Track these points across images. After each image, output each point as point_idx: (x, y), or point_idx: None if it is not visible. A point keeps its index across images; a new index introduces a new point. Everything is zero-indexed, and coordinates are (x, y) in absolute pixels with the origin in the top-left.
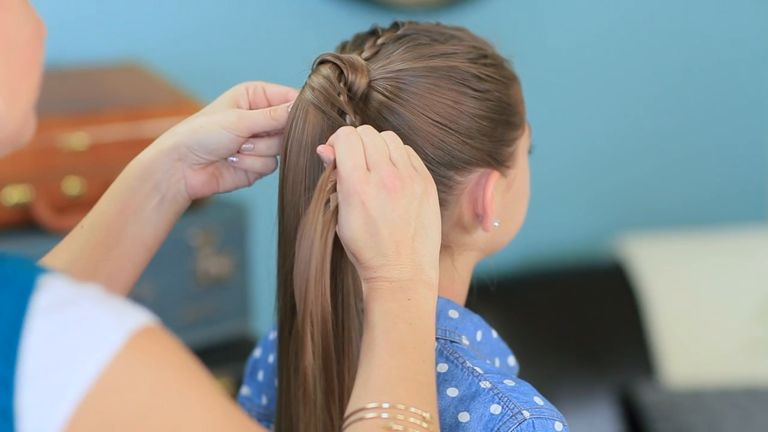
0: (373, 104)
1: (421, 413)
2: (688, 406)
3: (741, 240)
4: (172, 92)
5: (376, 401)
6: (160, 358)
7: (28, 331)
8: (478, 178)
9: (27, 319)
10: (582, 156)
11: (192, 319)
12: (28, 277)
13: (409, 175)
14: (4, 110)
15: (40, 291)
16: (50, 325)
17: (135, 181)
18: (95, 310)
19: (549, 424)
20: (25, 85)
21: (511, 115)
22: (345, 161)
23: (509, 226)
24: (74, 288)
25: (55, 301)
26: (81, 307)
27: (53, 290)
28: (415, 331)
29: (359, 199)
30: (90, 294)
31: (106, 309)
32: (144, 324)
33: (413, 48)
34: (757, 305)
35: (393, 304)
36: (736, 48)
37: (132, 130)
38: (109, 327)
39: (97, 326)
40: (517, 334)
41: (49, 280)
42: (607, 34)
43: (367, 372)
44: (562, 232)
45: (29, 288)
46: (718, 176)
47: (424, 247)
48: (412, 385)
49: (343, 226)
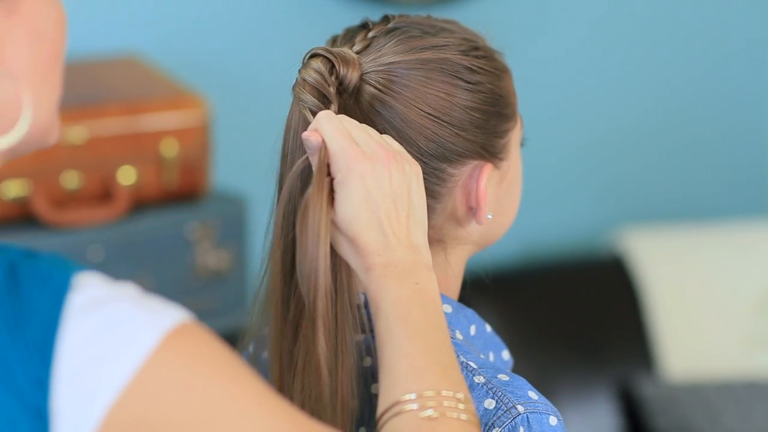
0: (365, 97)
1: (453, 395)
2: (687, 399)
3: (741, 233)
4: (170, 86)
5: (408, 393)
6: (196, 356)
7: (64, 330)
8: (471, 171)
9: (63, 319)
10: (581, 149)
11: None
12: (63, 275)
13: (399, 151)
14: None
15: (76, 290)
16: (86, 324)
17: None
18: (130, 309)
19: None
20: (52, 78)
21: (504, 107)
22: (335, 138)
23: (503, 218)
24: (109, 287)
25: (91, 300)
26: (116, 306)
27: (88, 289)
28: (429, 314)
29: (359, 171)
30: (125, 293)
31: (141, 308)
32: (179, 321)
33: (404, 41)
34: (757, 299)
35: (403, 290)
36: (735, 40)
37: (130, 124)
38: (143, 326)
39: (132, 325)
40: (515, 328)
41: (83, 279)
42: (606, 25)
43: (391, 365)
44: (561, 225)
45: (65, 287)
46: (718, 169)
47: (417, 228)
48: (438, 368)
49: (342, 206)
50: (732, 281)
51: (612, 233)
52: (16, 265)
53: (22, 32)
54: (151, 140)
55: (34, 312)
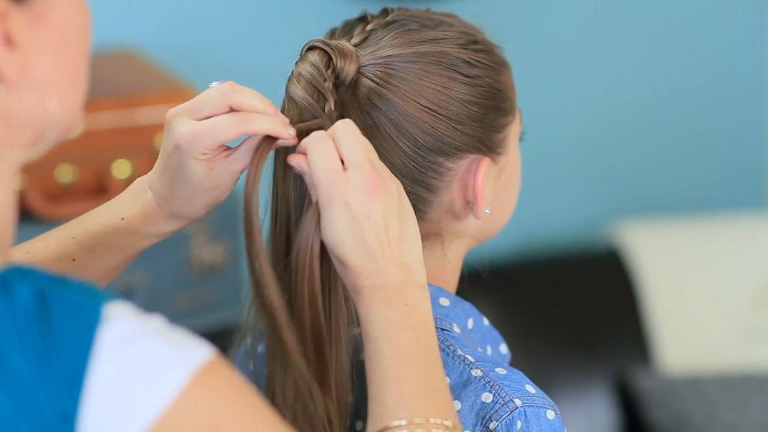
0: (363, 90)
1: (441, 422)
2: (684, 393)
3: (738, 226)
4: (165, 80)
5: (395, 419)
6: (222, 394)
7: (94, 366)
8: (468, 165)
9: (93, 354)
10: (577, 142)
11: (186, 306)
12: (94, 306)
13: (386, 174)
14: (60, 109)
15: (107, 323)
16: (115, 362)
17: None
18: (159, 346)
19: (541, 413)
20: (77, 81)
21: (502, 101)
22: (320, 167)
23: (500, 213)
24: (139, 321)
25: (121, 336)
26: (145, 344)
27: (119, 323)
28: (419, 336)
29: (341, 200)
30: (154, 328)
31: (170, 345)
32: (206, 359)
33: (403, 34)
34: (754, 292)
35: (391, 312)
36: (732, 32)
37: (125, 117)
38: (172, 364)
39: (161, 364)
40: (512, 322)
41: (114, 311)
42: (603, 18)
43: (379, 389)
44: (558, 218)
45: (95, 319)
46: (715, 162)
47: (409, 246)
48: (426, 393)
49: (327, 230)
50: (728, 274)
51: (608, 226)
52: (46, 292)
53: (49, 42)
54: (145, 134)
55: (64, 344)
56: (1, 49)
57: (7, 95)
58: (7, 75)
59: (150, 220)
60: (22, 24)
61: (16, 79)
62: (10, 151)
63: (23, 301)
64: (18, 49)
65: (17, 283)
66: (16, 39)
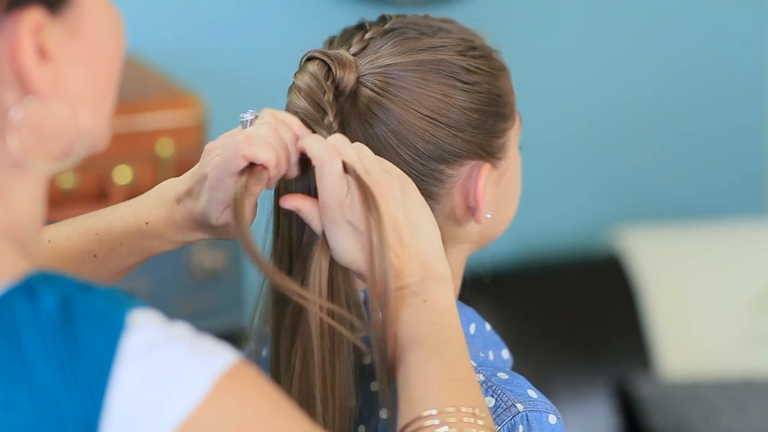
0: (362, 100)
1: (471, 410)
2: (684, 398)
3: (738, 232)
4: (166, 85)
5: (425, 410)
6: (246, 398)
7: (118, 373)
8: (469, 171)
9: (117, 361)
10: (578, 147)
11: (186, 312)
12: (119, 313)
13: (385, 181)
14: (91, 122)
15: (131, 330)
16: (140, 369)
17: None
18: (183, 353)
19: (543, 417)
20: (108, 93)
21: (501, 107)
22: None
23: (501, 217)
24: (163, 328)
25: (145, 343)
26: (169, 350)
27: (144, 330)
28: (440, 330)
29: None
30: (178, 335)
31: (193, 351)
32: (230, 363)
33: (401, 42)
34: (753, 297)
35: (412, 312)
36: (733, 38)
37: (127, 123)
38: (196, 370)
39: (184, 370)
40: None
41: (138, 318)
42: (603, 23)
43: (406, 386)
44: (558, 224)
45: (120, 326)
46: (715, 168)
47: (425, 243)
48: (452, 385)
49: (338, 251)
50: (729, 280)
51: (609, 232)
52: (71, 298)
53: (82, 54)
54: (146, 139)
55: (88, 351)
56: (34, 62)
57: (39, 107)
58: (39, 88)
59: (176, 227)
60: (56, 36)
61: (48, 92)
62: (41, 162)
63: (48, 308)
64: (51, 62)
65: (43, 289)
66: (50, 52)
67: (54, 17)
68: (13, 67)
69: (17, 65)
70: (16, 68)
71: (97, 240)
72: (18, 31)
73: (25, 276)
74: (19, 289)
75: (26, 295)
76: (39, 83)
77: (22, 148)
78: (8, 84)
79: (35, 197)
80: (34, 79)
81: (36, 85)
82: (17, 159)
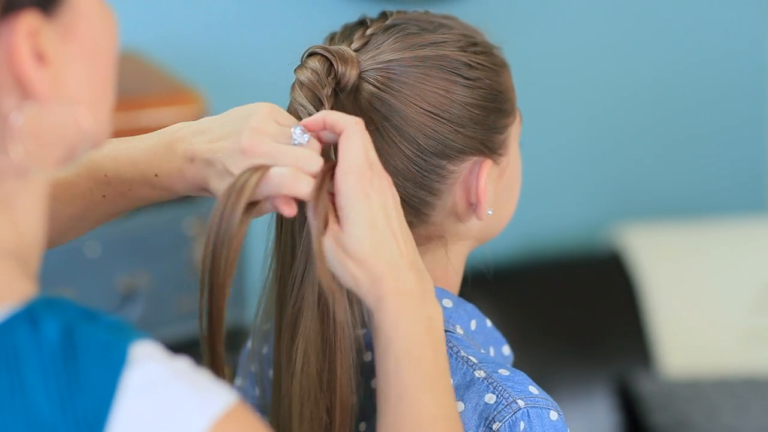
0: (364, 95)
1: None
2: (685, 395)
3: (739, 229)
4: (168, 82)
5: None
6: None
7: (118, 411)
8: (470, 167)
9: (117, 398)
10: (579, 145)
11: (187, 309)
12: (120, 346)
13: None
14: (91, 122)
15: (133, 366)
16: (139, 407)
17: None
18: (183, 392)
19: (544, 414)
20: (106, 90)
21: (503, 103)
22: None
23: (502, 213)
24: (165, 364)
25: (146, 381)
26: (170, 389)
27: (145, 366)
28: (439, 357)
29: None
30: (180, 371)
31: (193, 391)
32: (228, 405)
33: (403, 38)
34: (755, 295)
35: (418, 327)
36: (734, 36)
37: (129, 119)
38: (195, 412)
39: (184, 411)
40: (514, 324)
41: (140, 352)
42: (604, 21)
43: (397, 411)
44: (560, 221)
45: (121, 362)
46: (716, 166)
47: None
48: (444, 424)
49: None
50: (730, 277)
51: (610, 229)
52: (74, 328)
53: (79, 53)
54: None
55: (89, 385)
56: (33, 67)
57: (39, 112)
58: (38, 92)
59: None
60: (52, 39)
61: (49, 96)
62: (42, 167)
63: (50, 338)
64: (50, 66)
65: (45, 317)
66: (49, 55)
67: (49, 19)
68: (11, 73)
69: (16, 71)
70: (15, 74)
71: (106, 182)
72: (14, 37)
73: (28, 301)
74: (22, 316)
75: (29, 322)
76: (38, 88)
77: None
78: (7, 90)
79: (37, 206)
80: (35, 84)
81: (37, 90)
82: (20, 167)
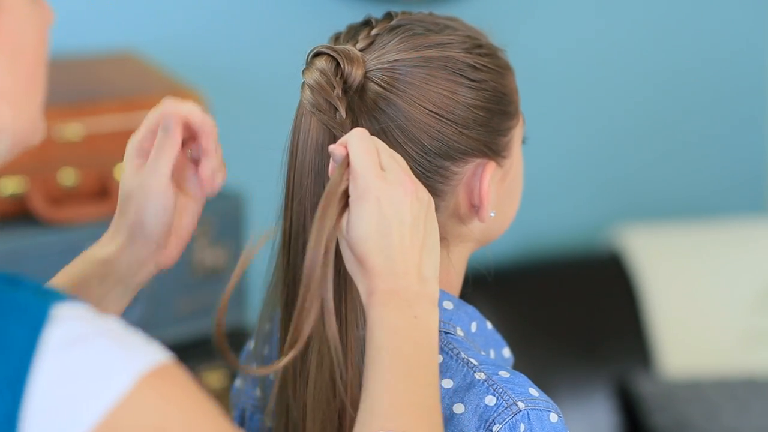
0: (369, 95)
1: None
2: (685, 396)
3: (738, 230)
4: (167, 82)
5: (382, 428)
6: (170, 398)
7: (38, 367)
8: (474, 169)
9: (37, 355)
10: (579, 146)
11: (187, 310)
12: (41, 306)
13: (419, 183)
14: (11, 119)
15: (53, 324)
16: (60, 363)
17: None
18: (107, 348)
19: (544, 416)
20: (32, 88)
21: (507, 105)
22: (361, 158)
23: (504, 216)
24: (89, 321)
25: (67, 337)
26: (93, 345)
27: (66, 324)
28: (422, 351)
29: (375, 194)
30: (104, 329)
31: (119, 347)
32: (157, 362)
33: (408, 38)
34: (754, 296)
35: (400, 323)
36: (733, 37)
37: (127, 120)
38: (119, 366)
39: (107, 365)
40: (514, 325)
41: (63, 311)
42: (604, 24)
43: (373, 396)
44: (559, 222)
45: (41, 320)
46: (716, 167)
47: (430, 259)
48: (419, 411)
49: (353, 224)
50: (729, 278)
51: (610, 230)
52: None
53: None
54: None
55: (8, 345)
56: None
57: None
58: None
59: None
60: None
61: None
62: None
63: None
64: None
65: None
66: None
67: None
68: None
69: None
70: None
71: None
72: None
73: None
74: None
75: None
76: None
77: None
78: None
79: None
80: None
81: None
82: None
